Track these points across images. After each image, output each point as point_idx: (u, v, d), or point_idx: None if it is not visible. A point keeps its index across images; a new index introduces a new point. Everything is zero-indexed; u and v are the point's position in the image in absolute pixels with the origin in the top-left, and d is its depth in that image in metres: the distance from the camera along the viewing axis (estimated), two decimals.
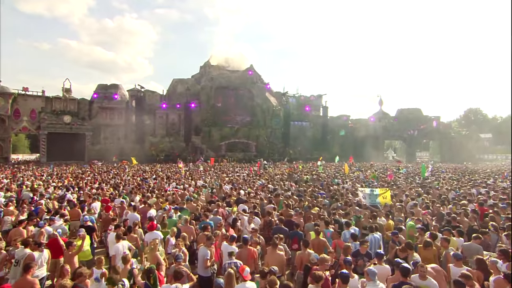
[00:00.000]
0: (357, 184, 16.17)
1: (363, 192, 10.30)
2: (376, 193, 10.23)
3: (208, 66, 50.97)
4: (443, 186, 14.59)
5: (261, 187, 15.05)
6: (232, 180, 17.45)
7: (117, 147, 44.52)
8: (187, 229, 7.79)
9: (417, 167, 31.34)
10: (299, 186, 15.80)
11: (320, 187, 15.41)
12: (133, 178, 19.04)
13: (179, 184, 16.36)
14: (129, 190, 14.25)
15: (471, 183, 15.99)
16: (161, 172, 23.13)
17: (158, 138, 45.80)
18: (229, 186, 15.15)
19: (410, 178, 19.56)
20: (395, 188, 14.61)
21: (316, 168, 26.53)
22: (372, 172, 21.06)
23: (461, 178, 19.21)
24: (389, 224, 8.29)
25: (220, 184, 14.90)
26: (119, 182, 16.39)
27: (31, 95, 43.56)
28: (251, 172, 22.92)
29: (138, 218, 9.12)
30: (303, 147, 50.41)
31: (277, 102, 51.38)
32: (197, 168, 27.84)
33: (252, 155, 44.19)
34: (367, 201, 10.11)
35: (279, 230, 7.56)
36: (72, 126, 43.50)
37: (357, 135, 53.21)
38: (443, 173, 21.82)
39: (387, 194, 10.23)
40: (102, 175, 20.90)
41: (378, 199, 10.15)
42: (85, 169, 26.63)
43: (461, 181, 17.85)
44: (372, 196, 10.16)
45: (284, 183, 16.05)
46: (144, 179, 18.68)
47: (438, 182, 16.44)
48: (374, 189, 10.46)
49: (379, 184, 16.26)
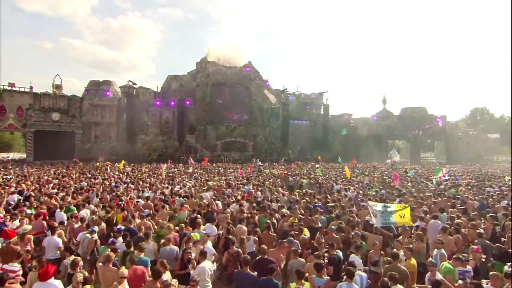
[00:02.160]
0: (361, 191, 13.41)
1: (373, 209, 7.55)
2: (391, 210, 7.50)
3: (204, 62, 48.28)
4: (467, 196, 11.75)
5: (247, 196, 12.37)
6: (213, 185, 14.73)
7: (108, 146, 42.04)
8: (108, 272, 5.09)
9: (425, 170, 28.50)
10: (292, 193, 13.08)
11: (319, 195, 12.71)
12: (104, 181, 16.43)
13: (152, 190, 13.72)
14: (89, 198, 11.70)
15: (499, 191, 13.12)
16: (140, 174, 20.45)
17: (151, 136, 43.22)
18: (209, 194, 12.48)
19: (421, 183, 16.66)
20: (408, 196, 11.85)
21: (315, 170, 23.75)
22: (377, 176, 18.03)
23: (482, 183, 16.31)
24: (410, 265, 5.56)
25: (191, 194, 12.13)
26: (79, 188, 13.73)
27: (18, 91, 41.02)
28: (241, 175, 20.21)
29: (58, 243, 6.51)
30: (303, 147, 47.69)
31: (276, 100, 48.64)
32: (185, 169, 25.17)
33: (249, 155, 41.48)
34: (379, 221, 7.39)
35: (242, 278, 4.88)
36: (61, 124, 40.98)
37: (359, 135, 50.36)
38: (458, 179, 18.72)
39: (405, 212, 7.48)
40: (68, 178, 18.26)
41: (394, 218, 7.42)
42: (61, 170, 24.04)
43: (482, 187, 15.04)
44: (386, 214, 7.44)
45: (274, 191, 13.29)
46: (115, 184, 16.05)
47: (455, 190, 13.63)
48: (389, 205, 7.72)
49: (386, 192, 13.50)
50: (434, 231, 7.51)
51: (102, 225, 8.23)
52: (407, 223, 7.41)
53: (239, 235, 7.03)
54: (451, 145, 49.46)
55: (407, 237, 7.20)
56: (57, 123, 40.72)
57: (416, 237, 6.65)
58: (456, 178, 17.70)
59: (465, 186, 14.40)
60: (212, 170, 24.96)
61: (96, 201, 10.67)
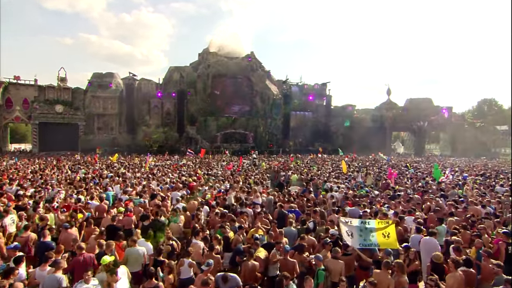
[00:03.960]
0: (351, 191, 11.49)
1: (348, 226, 5.67)
2: (371, 227, 5.63)
3: (206, 53, 46.22)
4: (471, 201, 9.66)
5: (219, 195, 10.67)
6: (186, 181, 13.06)
7: (110, 137, 40.95)
8: None
9: (428, 163, 26.17)
10: (271, 193, 11.27)
11: (301, 196, 10.89)
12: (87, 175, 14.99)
13: (122, 186, 12.18)
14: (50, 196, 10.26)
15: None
16: (123, 168, 18.93)
17: (153, 128, 41.84)
18: (180, 194, 10.82)
19: (422, 180, 14.47)
20: (403, 199, 9.87)
21: (311, 164, 21.82)
22: (372, 172, 15.77)
23: (490, 182, 14.05)
24: None
25: (154, 193, 10.42)
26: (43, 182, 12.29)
27: (23, 84, 40.22)
28: (230, 169, 18.48)
29: None
30: (305, 138, 45.56)
31: (278, 90, 46.44)
32: (177, 162, 23.64)
33: (249, 147, 39.74)
34: (356, 241, 5.55)
35: None
36: (64, 116, 40.04)
37: (362, 126, 47.79)
38: (465, 177, 15.45)
39: (390, 230, 5.59)
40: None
41: (375, 238, 5.56)
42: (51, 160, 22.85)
43: (490, 186, 12.89)
44: (365, 233, 5.58)
45: (253, 190, 11.44)
46: (93, 178, 14.58)
47: (461, 191, 11.54)
48: (367, 221, 5.83)
49: (379, 192, 11.53)
50: (428, 253, 5.65)
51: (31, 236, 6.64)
52: (393, 246, 5.54)
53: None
54: (456, 137, 46.40)
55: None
56: (61, 115, 39.78)
57: (397, 268, 4.74)
58: (463, 177, 15.20)
59: (470, 186, 12.21)
60: (206, 162, 23.33)
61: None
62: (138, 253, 5.71)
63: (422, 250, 6.01)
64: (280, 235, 6.48)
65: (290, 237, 6.75)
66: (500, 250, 5.84)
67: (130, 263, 5.66)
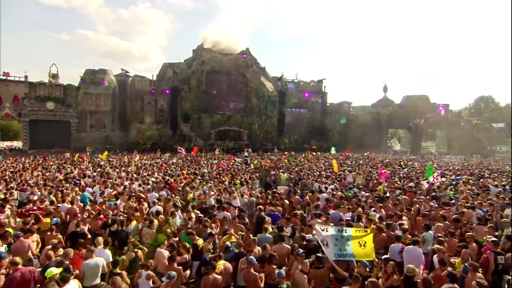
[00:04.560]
0: (339, 192, 10.99)
1: (323, 235, 5.17)
2: (348, 235, 5.14)
3: (200, 50, 45.51)
4: (461, 204, 9.09)
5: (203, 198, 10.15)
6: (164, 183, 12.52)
7: (102, 135, 40.30)
8: None
9: (423, 161, 25.73)
10: (254, 194, 10.76)
11: (285, 197, 10.38)
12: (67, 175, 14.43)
13: (102, 187, 11.64)
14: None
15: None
16: (110, 167, 18.38)
17: (146, 125, 41.20)
18: (157, 195, 10.30)
19: (414, 180, 13.95)
20: (391, 202, 9.37)
21: (304, 162, 21.31)
22: (362, 172, 15.09)
23: (484, 181, 13.54)
24: None
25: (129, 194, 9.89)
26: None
27: (13, 80, 39.39)
28: (218, 168, 17.96)
29: None
30: (300, 136, 45.04)
31: (274, 87, 45.85)
32: (166, 160, 23.09)
33: (243, 144, 39.18)
34: (331, 252, 5.05)
35: None
36: (56, 113, 39.28)
37: (359, 124, 47.28)
38: (457, 179, 14.34)
39: (367, 239, 5.11)
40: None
41: (351, 248, 5.07)
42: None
43: (483, 187, 12.41)
44: (341, 242, 5.09)
45: (231, 191, 10.82)
46: (74, 178, 14.03)
47: (453, 192, 11.02)
48: (344, 229, 5.34)
49: (368, 194, 11.01)
50: (412, 264, 5.15)
51: None
52: (369, 257, 5.04)
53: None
54: (453, 135, 46.04)
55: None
56: (52, 112, 39.01)
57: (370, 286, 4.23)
58: (455, 178, 14.24)
59: (461, 188, 11.65)
60: (195, 161, 22.77)
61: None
62: (96, 264, 5.20)
63: (406, 261, 5.51)
64: (252, 243, 5.98)
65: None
66: (489, 260, 5.36)
67: (87, 276, 5.16)
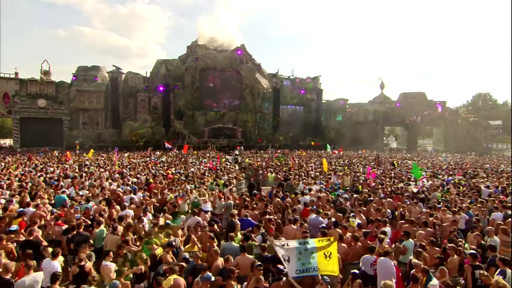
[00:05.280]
0: (323, 194, 10.47)
1: (283, 249, 4.64)
2: (312, 247, 4.65)
3: (194, 46, 44.83)
4: (444, 209, 8.50)
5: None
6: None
7: (95, 132, 39.74)
8: None
9: (416, 160, 25.23)
10: (250, 193, 10.25)
11: (266, 200, 9.88)
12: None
13: (77, 188, 11.14)
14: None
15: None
16: (95, 166, 17.84)
17: (140, 122, 40.63)
18: (134, 197, 9.79)
19: (404, 182, 13.43)
20: (375, 205, 8.87)
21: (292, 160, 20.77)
22: (347, 174, 14.10)
23: (475, 182, 13.04)
24: None
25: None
26: None
27: (3, 77, 38.71)
28: (206, 167, 17.44)
29: None
30: (295, 133, 44.50)
31: (269, 84, 45.25)
32: (155, 159, 22.55)
33: (237, 142, 38.69)
34: (292, 267, 4.55)
35: None
36: (47, 111, 38.65)
37: (355, 121, 46.77)
38: (448, 181, 13.09)
39: (332, 249, 4.64)
40: None
41: (315, 260, 4.59)
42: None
43: (475, 188, 11.91)
44: (304, 256, 4.59)
45: (201, 193, 10.21)
46: (51, 178, 13.52)
47: (441, 194, 10.49)
48: (307, 240, 4.84)
49: (350, 197, 10.46)
50: (385, 279, 4.67)
51: None
52: (333, 271, 4.56)
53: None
54: (449, 132, 45.55)
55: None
56: (44, 109, 38.37)
57: None
58: (447, 180, 13.15)
59: (451, 189, 11.15)
60: (184, 159, 22.24)
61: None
62: (34, 282, 4.69)
63: (379, 275, 5.04)
64: (214, 254, 5.49)
65: (231, 255, 5.75)
66: (467, 276, 4.88)
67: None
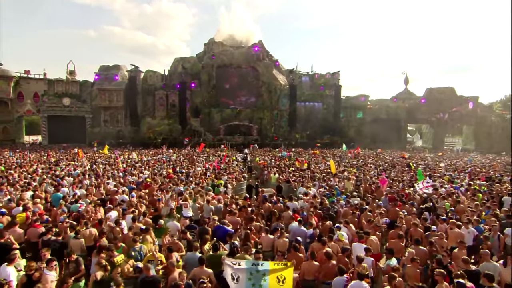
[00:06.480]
0: (324, 197, 9.79)
1: (234, 268, 4.19)
2: (264, 270, 4.16)
3: (211, 43, 44.86)
4: (453, 222, 7.56)
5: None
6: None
7: (115, 130, 41.11)
8: None
9: (438, 161, 23.56)
10: (250, 195, 9.86)
11: (258, 204, 9.42)
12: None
13: (75, 188, 11.29)
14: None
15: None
16: (106, 164, 18.21)
17: (157, 120, 41.46)
18: (126, 197, 9.71)
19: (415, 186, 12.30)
20: (371, 213, 8.10)
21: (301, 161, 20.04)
22: (349, 178, 13.03)
23: (499, 190, 11.65)
24: None
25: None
26: None
27: (33, 78, 41.14)
28: (211, 168, 17.21)
29: None
30: (313, 131, 43.30)
31: (287, 80, 44.36)
32: (162, 157, 22.73)
33: (252, 140, 38.34)
34: (242, 287, 4.08)
35: None
36: (71, 109, 40.52)
37: (376, 118, 44.73)
38: (457, 188, 11.52)
39: (286, 273, 4.12)
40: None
41: (267, 284, 4.10)
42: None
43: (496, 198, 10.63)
44: (255, 276, 4.11)
45: (183, 198, 9.71)
46: (57, 176, 13.88)
47: (449, 203, 9.37)
48: (261, 262, 4.33)
49: (345, 202, 9.65)
50: None
51: None
52: None
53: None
54: (481, 130, 42.16)
55: None
56: (68, 108, 40.26)
57: None
58: (455, 187, 11.48)
59: (462, 197, 9.96)
60: (191, 157, 22.22)
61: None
62: None
63: None
64: (171, 266, 5.13)
65: (191, 267, 5.37)
66: None
67: None
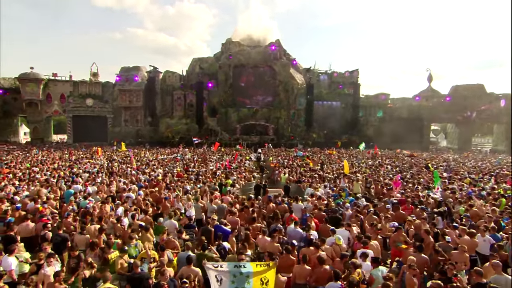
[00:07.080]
0: (324, 200, 9.50)
1: (217, 270, 4.08)
2: (248, 271, 4.04)
3: (228, 43, 45.07)
4: (464, 229, 7.04)
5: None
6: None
7: (135, 129, 42.38)
8: None
9: (461, 163, 22.30)
10: (257, 195, 9.81)
11: (261, 205, 9.28)
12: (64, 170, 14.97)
13: (87, 185, 11.65)
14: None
15: None
16: (121, 163, 18.72)
17: (176, 119, 42.28)
18: (133, 195, 9.90)
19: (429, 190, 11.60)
20: (373, 220, 7.73)
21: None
22: (358, 179, 12.25)
23: None
24: None
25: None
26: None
27: (60, 80, 43.14)
28: (222, 167, 17.25)
29: None
30: (331, 130, 42.43)
31: (304, 79, 43.78)
32: (181, 156, 23.07)
33: (268, 139, 38.15)
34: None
35: None
36: (94, 109, 42.22)
37: (397, 117, 43.15)
38: (470, 193, 10.56)
39: (269, 275, 3.99)
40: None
41: (251, 286, 3.98)
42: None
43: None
44: (239, 279, 4.01)
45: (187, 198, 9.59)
46: (73, 173, 14.44)
47: (464, 208, 8.73)
48: (243, 264, 4.19)
49: (351, 205, 9.25)
50: None
51: None
52: None
53: None
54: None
55: None
56: (91, 108, 41.95)
57: None
58: (468, 192, 10.61)
59: (478, 202, 9.23)
60: (204, 157, 22.40)
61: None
62: None
63: None
64: (161, 265, 5.11)
65: (182, 266, 5.32)
66: None
67: None
